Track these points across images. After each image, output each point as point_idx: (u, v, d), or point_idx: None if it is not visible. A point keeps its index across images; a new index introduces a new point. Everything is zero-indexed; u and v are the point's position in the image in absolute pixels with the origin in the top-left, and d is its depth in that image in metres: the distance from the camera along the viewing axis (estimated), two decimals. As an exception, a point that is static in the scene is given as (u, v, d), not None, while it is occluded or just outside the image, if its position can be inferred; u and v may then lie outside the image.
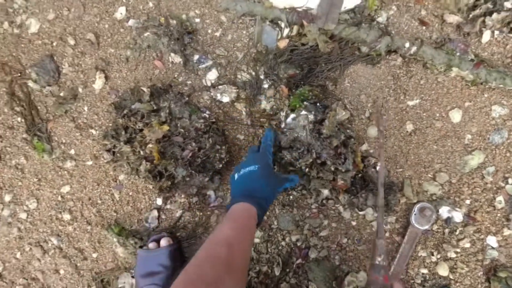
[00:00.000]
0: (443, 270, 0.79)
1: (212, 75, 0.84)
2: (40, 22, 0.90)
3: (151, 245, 0.76)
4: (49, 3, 0.90)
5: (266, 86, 0.83)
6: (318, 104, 0.76)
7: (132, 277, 0.83)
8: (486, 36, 0.78)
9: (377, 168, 0.79)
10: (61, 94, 0.88)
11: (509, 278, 0.75)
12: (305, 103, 0.76)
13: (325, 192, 0.77)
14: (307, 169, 0.73)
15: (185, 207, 0.84)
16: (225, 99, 0.82)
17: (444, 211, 0.80)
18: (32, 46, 0.90)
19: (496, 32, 0.78)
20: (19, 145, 0.89)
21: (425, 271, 0.80)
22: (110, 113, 0.85)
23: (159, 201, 0.84)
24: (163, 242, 0.77)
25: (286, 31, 0.82)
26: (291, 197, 0.82)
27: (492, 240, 0.78)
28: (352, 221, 0.82)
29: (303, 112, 0.74)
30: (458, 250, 0.79)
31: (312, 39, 0.79)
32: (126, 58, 0.87)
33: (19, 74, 0.90)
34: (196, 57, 0.84)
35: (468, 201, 0.80)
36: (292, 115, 0.76)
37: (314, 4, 0.80)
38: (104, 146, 0.82)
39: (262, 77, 0.83)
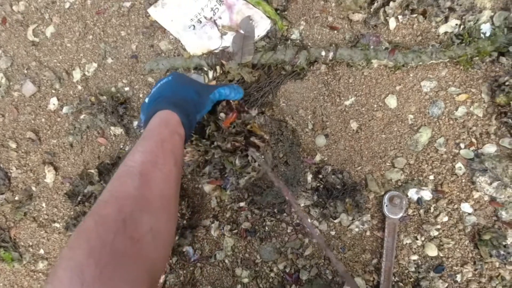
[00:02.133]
0: (431, 251, 0.79)
1: (155, 135, 0.85)
2: (-22, 135, 0.91)
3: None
4: (-18, 115, 0.91)
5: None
6: None
7: None
8: (392, 23, 0.82)
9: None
10: (16, 198, 0.88)
11: (494, 238, 0.76)
12: None
13: (229, 143, 0.63)
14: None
15: (166, 270, 0.82)
16: (173, 154, 0.83)
17: (412, 193, 0.81)
18: (-24, 161, 0.90)
19: (400, 17, 0.82)
20: (-13, 262, 0.87)
21: (415, 257, 0.79)
22: (68, 202, 0.85)
23: (139, 274, 0.82)
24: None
25: (211, 74, 0.84)
26: (266, 228, 0.82)
27: (466, 207, 0.79)
28: (331, 231, 0.82)
29: None
30: (439, 226, 0.79)
31: (236, 74, 0.81)
32: (70, 144, 0.88)
33: (-30, 192, 0.89)
34: (135, 123, 0.86)
35: (431, 177, 0.81)
36: None
37: (229, 42, 0.83)
38: (69, 237, 0.81)
39: (202, 122, 0.84)
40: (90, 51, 0.90)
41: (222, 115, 0.63)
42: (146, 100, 0.56)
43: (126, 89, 0.88)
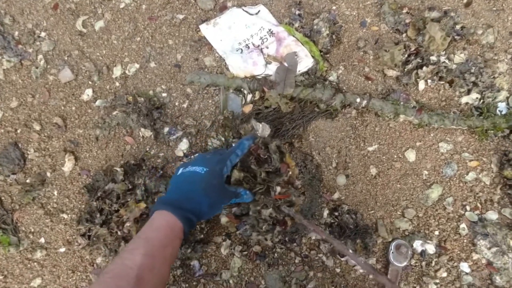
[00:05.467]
0: (428, 304, 0.82)
1: (184, 145, 0.87)
2: (2, 111, 0.89)
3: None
4: (11, 91, 0.90)
5: (237, 149, 0.87)
6: None
7: None
8: (421, 85, 0.90)
9: None
10: (28, 181, 0.86)
11: (487, 302, 0.80)
12: None
13: (268, 211, 0.69)
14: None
15: (169, 281, 0.81)
16: (199, 166, 0.85)
17: (417, 245, 0.85)
18: (-7, 136, 0.88)
19: (429, 81, 0.90)
20: (-19, 242, 0.83)
21: (412, 307, 0.82)
22: (83, 195, 0.84)
23: (141, 280, 0.81)
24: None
25: (249, 97, 0.88)
26: (275, 254, 0.83)
27: (464, 266, 0.84)
28: (336, 268, 0.84)
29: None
30: (437, 280, 0.83)
31: (274, 102, 0.85)
32: (95, 137, 0.88)
33: (-20, 166, 0.86)
34: (166, 129, 0.87)
35: (436, 232, 0.86)
36: None
37: (272, 71, 0.88)
38: (78, 231, 0.80)
39: (231, 141, 0.87)
40: (135, 52, 0.92)
41: (278, 188, 0.68)
42: (179, 171, 0.60)
43: (164, 94, 0.90)
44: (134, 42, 0.92)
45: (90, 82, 0.91)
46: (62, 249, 0.83)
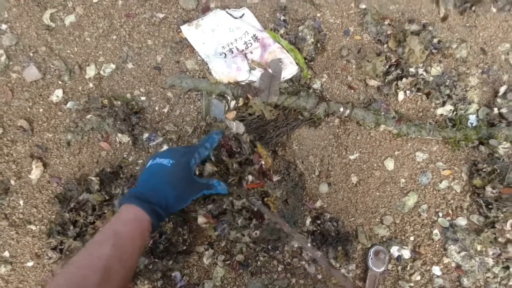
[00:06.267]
0: (403, 306, 0.86)
1: (165, 152, 0.83)
2: (-43, 111, 0.80)
3: None
4: (-33, 90, 0.81)
5: (220, 157, 0.84)
6: None
7: None
8: (401, 95, 0.92)
9: None
10: (-12, 190, 0.78)
11: (455, 303, 0.86)
12: None
13: (241, 202, 0.68)
14: None
15: (148, 295, 0.78)
16: (181, 175, 0.82)
17: (394, 250, 0.88)
18: None
19: (408, 92, 0.93)
20: None
21: (388, 310, 0.86)
22: (53, 204, 0.78)
23: (118, 294, 0.77)
24: None
25: (232, 103, 0.86)
26: (258, 263, 0.83)
27: (436, 270, 0.89)
28: (318, 275, 0.85)
29: None
30: (412, 284, 0.87)
31: (258, 110, 0.84)
32: (67, 142, 0.81)
33: None
34: (145, 135, 0.83)
35: (412, 238, 0.90)
36: None
37: (256, 77, 0.86)
38: (48, 244, 0.74)
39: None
40: (110, 51, 0.86)
41: (250, 177, 0.66)
42: (149, 163, 0.60)
43: (143, 98, 0.85)
44: (109, 40, 0.86)
45: (60, 82, 0.84)
46: (30, 263, 0.77)
